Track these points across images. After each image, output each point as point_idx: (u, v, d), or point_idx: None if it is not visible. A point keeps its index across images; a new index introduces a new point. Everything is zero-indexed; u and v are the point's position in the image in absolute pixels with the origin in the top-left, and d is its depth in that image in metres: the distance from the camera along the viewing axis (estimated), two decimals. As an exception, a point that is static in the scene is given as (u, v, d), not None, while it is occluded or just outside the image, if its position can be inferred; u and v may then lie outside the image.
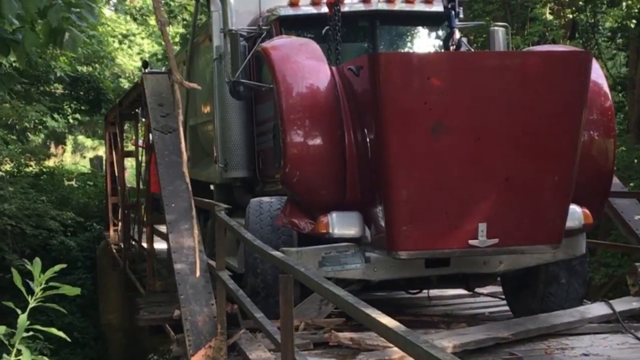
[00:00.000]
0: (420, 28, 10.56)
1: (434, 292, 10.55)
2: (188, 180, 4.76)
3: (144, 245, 14.54)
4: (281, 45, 8.58)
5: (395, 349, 6.22)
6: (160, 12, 4.15)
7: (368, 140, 7.44)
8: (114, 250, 19.02)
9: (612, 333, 8.24)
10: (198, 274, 8.05)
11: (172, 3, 34.02)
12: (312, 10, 9.82)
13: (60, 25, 6.12)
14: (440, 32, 10.29)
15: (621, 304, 8.76)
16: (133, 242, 16.94)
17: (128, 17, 35.14)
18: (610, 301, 8.86)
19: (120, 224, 18.59)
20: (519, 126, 7.14)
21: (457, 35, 9.61)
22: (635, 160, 17.41)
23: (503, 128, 7.11)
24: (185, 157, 4.47)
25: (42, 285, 4.40)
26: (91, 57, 24.42)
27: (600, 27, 22.42)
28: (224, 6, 10.26)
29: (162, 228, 12.17)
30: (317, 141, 7.84)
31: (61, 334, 4.40)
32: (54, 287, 4.48)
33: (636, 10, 17.88)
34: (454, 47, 9.39)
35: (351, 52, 9.61)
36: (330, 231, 7.76)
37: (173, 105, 11.09)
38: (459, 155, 7.07)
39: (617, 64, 24.38)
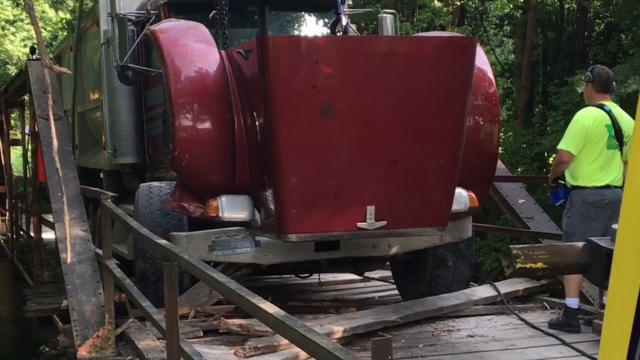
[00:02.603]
0: (309, 15, 10.57)
1: (326, 277, 10.62)
2: (59, 166, 4.66)
3: (33, 235, 14.25)
4: (170, 28, 8.46)
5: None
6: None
7: (257, 124, 7.41)
8: (2, 241, 18.59)
9: (497, 315, 8.46)
10: (69, 260, 7.93)
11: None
12: None
13: None
14: (329, 19, 10.32)
15: (506, 286, 8.99)
16: (22, 233, 16.56)
17: (13, 3, 34.21)
18: (496, 283, 9.08)
19: (7, 214, 18.18)
20: (406, 110, 7.20)
21: (345, 21, 9.65)
22: (524, 146, 17.82)
23: (391, 112, 7.17)
24: (55, 143, 4.38)
25: None
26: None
27: (488, 15, 22.89)
28: (112, -10, 10.11)
29: (51, 218, 11.95)
30: (207, 125, 7.78)
31: None
32: None
33: (522, 0, 18.32)
34: (341, 33, 9.44)
35: (241, 38, 9.58)
36: (220, 215, 7.70)
37: (59, 93, 10.89)
38: (347, 138, 7.10)
39: (505, 51, 24.92)
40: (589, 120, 7.60)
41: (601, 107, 7.69)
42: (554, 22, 20.92)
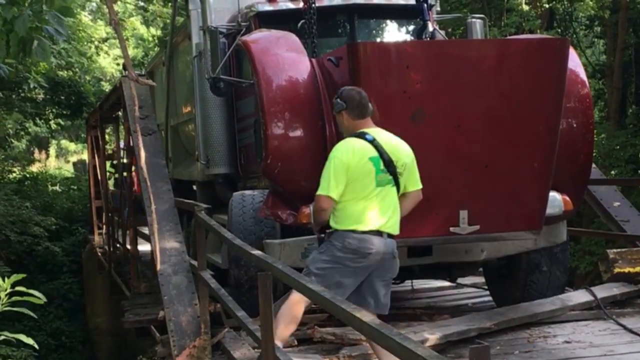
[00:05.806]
0: (396, 21, 10.57)
1: (417, 284, 10.57)
2: (147, 175, 4.74)
3: (129, 247, 14.51)
4: (261, 38, 8.58)
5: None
6: (113, 12, 4.17)
7: (349, 130, 7.43)
8: (99, 254, 18.97)
9: (594, 320, 8.29)
10: (159, 267, 8.05)
11: (149, 9, 33.85)
12: (290, 5, 9.84)
13: (28, 35, 6.03)
14: (417, 26, 10.30)
15: (602, 291, 8.79)
16: (118, 245, 16.90)
17: (106, 22, 34.98)
18: (592, 288, 8.89)
19: (104, 227, 18.55)
20: (498, 113, 7.16)
21: (431, 27, 9.60)
22: (617, 147, 17.48)
23: (482, 115, 7.13)
24: (143, 153, 4.47)
25: (8, 291, 4.35)
26: (69, 64, 24.27)
27: (577, 16, 22.52)
28: (203, 4, 10.32)
29: (146, 230, 12.16)
30: (298, 132, 7.85)
31: (29, 340, 4.38)
32: (24, 293, 4.42)
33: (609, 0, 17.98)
34: (428, 39, 9.40)
35: (331, 46, 9.62)
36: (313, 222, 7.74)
37: (152, 107, 11.08)
38: (439, 142, 7.09)
39: (596, 52, 24.49)
40: (347, 154, 6.17)
41: (362, 135, 6.23)
42: (646, 21, 20.50)
